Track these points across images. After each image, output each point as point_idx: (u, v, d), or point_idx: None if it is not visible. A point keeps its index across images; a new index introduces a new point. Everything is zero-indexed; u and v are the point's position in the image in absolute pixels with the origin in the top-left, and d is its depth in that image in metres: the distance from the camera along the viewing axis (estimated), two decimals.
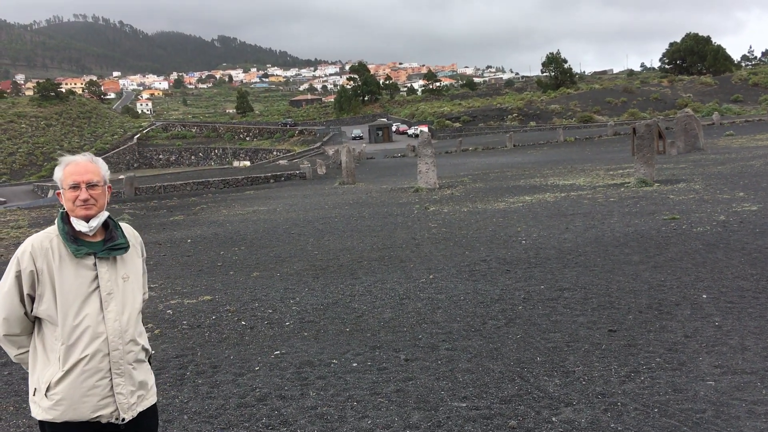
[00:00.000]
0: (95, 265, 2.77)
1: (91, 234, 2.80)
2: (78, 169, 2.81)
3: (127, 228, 2.98)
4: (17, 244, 15.80)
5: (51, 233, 2.80)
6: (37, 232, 2.83)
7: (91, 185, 2.79)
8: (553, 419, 4.34)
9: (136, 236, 3.03)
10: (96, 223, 2.79)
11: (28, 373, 2.86)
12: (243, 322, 7.34)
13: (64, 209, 2.84)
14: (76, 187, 2.78)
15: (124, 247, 2.85)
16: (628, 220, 12.07)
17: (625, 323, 6.22)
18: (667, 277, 7.78)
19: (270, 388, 5.29)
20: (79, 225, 2.78)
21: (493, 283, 8.20)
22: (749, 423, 4.06)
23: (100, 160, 2.92)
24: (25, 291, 2.75)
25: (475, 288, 8.04)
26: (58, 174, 2.84)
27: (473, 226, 13.06)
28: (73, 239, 2.77)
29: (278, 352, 6.20)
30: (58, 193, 2.88)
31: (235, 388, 5.34)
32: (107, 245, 2.81)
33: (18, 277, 2.75)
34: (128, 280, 2.86)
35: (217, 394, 5.24)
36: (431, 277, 8.87)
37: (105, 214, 2.85)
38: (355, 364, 5.68)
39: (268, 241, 13.37)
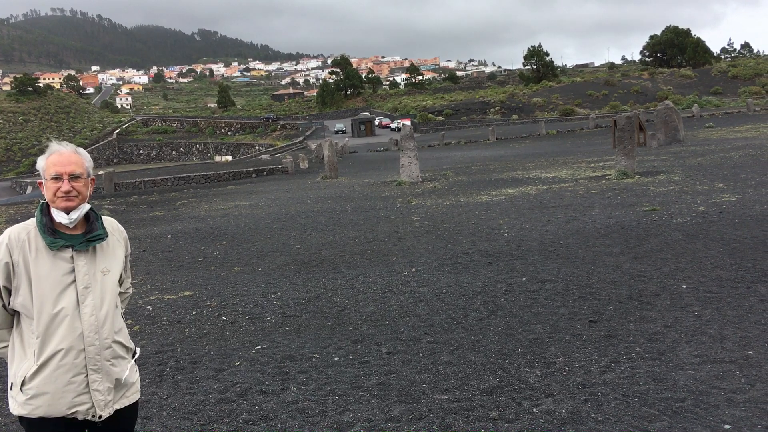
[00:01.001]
0: (72, 257, 2.70)
1: (71, 226, 2.73)
2: (61, 159, 2.73)
3: (111, 222, 2.92)
4: None
5: (29, 225, 2.74)
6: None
7: (74, 177, 2.72)
8: (534, 410, 4.34)
9: (121, 231, 2.97)
10: (77, 215, 2.72)
11: (4, 370, 2.80)
12: (224, 318, 7.28)
13: (44, 200, 2.77)
14: (58, 178, 2.71)
15: (102, 237, 2.78)
16: (609, 212, 12.14)
17: (606, 314, 6.25)
18: (647, 268, 7.83)
19: (251, 383, 5.24)
20: (60, 217, 2.71)
21: (475, 276, 8.20)
22: (728, 411, 4.09)
23: (83, 152, 2.84)
24: (2, 283, 2.68)
25: (458, 281, 8.03)
26: (41, 164, 2.77)
27: (456, 219, 13.07)
28: (51, 231, 2.70)
29: (259, 347, 6.15)
30: (40, 183, 2.81)
31: (215, 384, 5.29)
32: (85, 237, 2.74)
33: None
34: (108, 273, 2.78)
35: (197, 390, 5.18)
36: (413, 270, 8.85)
37: (86, 207, 2.78)
38: (336, 358, 5.65)
39: (249, 236, 13.29)
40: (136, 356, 2.97)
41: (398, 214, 14.65)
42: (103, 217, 2.90)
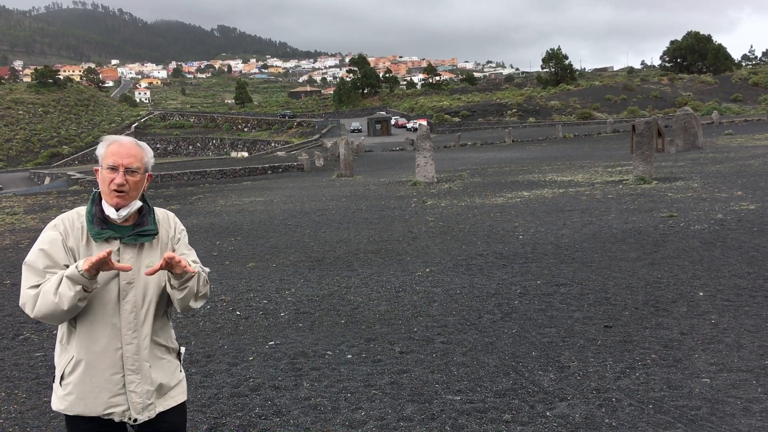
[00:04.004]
0: (119, 250, 2.61)
1: (119, 221, 2.64)
2: (121, 150, 2.64)
3: (162, 215, 2.81)
4: (12, 231, 15.73)
5: (81, 213, 2.65)
6: (32, 218, 2.75)
7: (130, 170, 2.62)
8: (548, 414, 4.32)
9: (170, 223, 2.81)
10: (126, 212, 2.63)
11: (21, 358, 2.78)
12: (238, 312, 7.32)
13: (98, 189, 2.69)
14: (114, 168, 2.61)
15: (152, 235, 2.68)
16: (626, 217, 12.05)
17: (621, 319, 6.20)
18: (663, 274, 7.77)
19: (264, 378, 5.26)
20: (109, 210, 2.62)
21: (490, 278, 8.18)
22: (744, 420, 4.04)
23: (146, 146, 2.75)
24: (62, 262, 2.55)
25: (472, 282, 8.01)
26: (100, 151, 2.68)
27: (470, 221, 13.04)
28: (100, 221, 2.61)
29: (272, 342, 6.17)
30: (96, 170, 2.71)
31: (228, 378, 5.31)
32: (135, 231, 2.64)
33: (54, 244, 2.58)
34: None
35: (211, 384, 5.21)
36: (427, 270, 8.84)
37: (137, 204, 2.68)
38: (349, 356, 5.66)
39: (264, 232, 13.33)
40: (182, 356, 2.89)
41: (413, 214, 14.64)
42: (156, 209, 2.78)
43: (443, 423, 4.28)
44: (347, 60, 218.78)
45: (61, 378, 2.63)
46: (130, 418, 2.63)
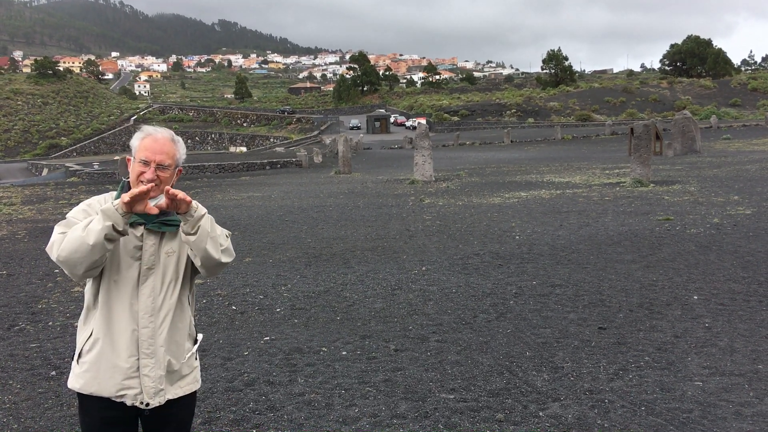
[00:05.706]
0: (143, 236, 2.65)
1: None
2: (154, 146, 2.68)
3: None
4: (9, 222, 15.71)
5: (108, 198, 2.71)
6: (30, 209, 2.77)
7: (161, 167, 2.66)
8: (540, 414, 4.34)
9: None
10: (153, 203, 2.64)
11: (17, 349, 2.78)
12: (234, 307, 7.33)
13: (127, 179, 2.73)
14: (145, 163, 2.66)
15: (175, 225, 2.70)
16: (623, 220, 12.08)
17: (616, 321, 6.23)
18: (659, 277, 7.80)
19: (258, 373, 5.28)
20: None
21: (486, 277, 8.20)
22: (735, 424, 4.07)
23: (180, 142, 2.78)
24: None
25: (467, 281, 8.03)
26: (134, 143, 2.72)
27: (467, 220, 13.06)
28: None
29: (268, 337, 6.19)
30: (128, 159, 2.75)
31: (223, 372, 5.33)
32: (159, 218, 2.67)
33: (92, 209, 2.64)
34: (173, 255, 2.70)
35: (205, 378, 5.21)
36: (424, 269, 8.86)
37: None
38: (344, 353, 5.67)
39: (261, 228, 13.34)
40: (198, 343, 2.90)
41: (410, 213, 14.65)
42: None
43: (436, 421, 4.30)
44: (347, 57, 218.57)
45: (79, 356, 2.67)
46: (142, 402, 2.65)
